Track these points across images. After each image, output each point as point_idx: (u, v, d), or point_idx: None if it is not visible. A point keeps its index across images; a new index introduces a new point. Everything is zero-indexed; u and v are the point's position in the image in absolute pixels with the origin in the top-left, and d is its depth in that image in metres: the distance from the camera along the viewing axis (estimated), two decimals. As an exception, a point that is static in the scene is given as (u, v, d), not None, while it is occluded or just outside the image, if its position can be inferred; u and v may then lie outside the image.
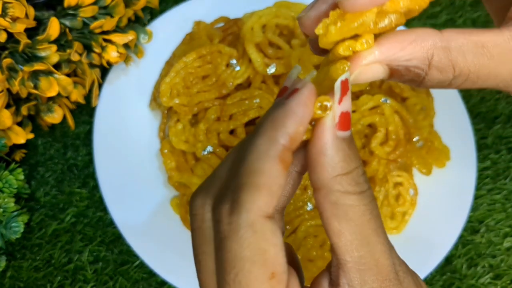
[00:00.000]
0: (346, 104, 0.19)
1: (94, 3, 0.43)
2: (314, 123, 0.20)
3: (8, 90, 0.42)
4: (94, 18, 0.44)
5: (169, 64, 0.52)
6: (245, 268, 0.18)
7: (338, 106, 0.19)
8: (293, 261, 0.23)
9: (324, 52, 0.23)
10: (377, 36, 0.21)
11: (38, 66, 0.40)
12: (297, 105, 0.19)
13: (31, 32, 0.41)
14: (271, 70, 0.48)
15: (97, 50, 0.45)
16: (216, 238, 0.19)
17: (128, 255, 0.46)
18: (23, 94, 0.42)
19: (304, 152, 0.21)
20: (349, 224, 0.19)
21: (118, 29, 0.47)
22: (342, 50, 0.20)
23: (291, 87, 0.21)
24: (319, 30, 0.21)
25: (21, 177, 0.44)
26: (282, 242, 0.19)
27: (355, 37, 0.21)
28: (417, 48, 0.20)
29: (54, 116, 0.46)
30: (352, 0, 0.20)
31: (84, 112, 0.51)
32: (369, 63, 0.20)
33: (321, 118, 0.20)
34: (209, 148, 0.47)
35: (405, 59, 0.20)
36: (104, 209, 0.47)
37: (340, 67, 0.20)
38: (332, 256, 0.20)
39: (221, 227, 0.19)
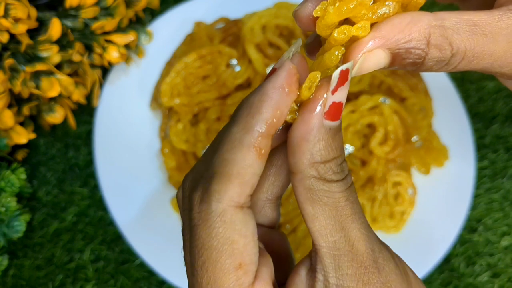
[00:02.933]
0: (341, 95, 0.19)
1: (95, 4, 0.43)
2: (300, 104, 0.19)
3: (10, 90, 0.42)
4: (96, 19, 0.44)
5: (169, 65, 0.52)
6: (211, 257, 0.18)
7: (331, 95, 0.19)
8: (283, 250, 0.23)
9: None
10: (372, 25, 0.20)
11: (39, 67, 0.41)
12: (273, 89, 0.19)
13: (33, 33, 0.41)
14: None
15: (98, 50, 0.45)
16: (189, 224, 0.20)
17: (129, 254, 0.46)
18: (25, 95, 0.42)
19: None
20: (323, 209, 0.19)
21: (119, 29, 0.47)
22: (337, 33, 0.20)
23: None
24: (317, 12, 0.20)
25: (23, 176, 0.44)
26: (253, 233, 0.19)
27: (352, 24, 0.20)
28: (414, 28, 0.19)
29: (56, 116, 0.46)
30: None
31: (85, 112, 0.51)
32: (371, 48, 0.19)
33: (309, 102, 0.19)
34: (210, 148, 0.47)
35: (404, 40, 0.19)
36: (105, 208, 0.47)
37: (334, 52, 0.20)
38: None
39: (192, 214, 0.19)
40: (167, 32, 0.54)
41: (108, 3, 0.44)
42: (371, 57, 0.19)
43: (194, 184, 0.20)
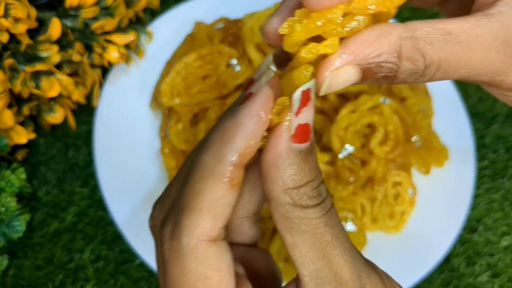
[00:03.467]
0: (306, 116, 0.18)
1: (95, 4, 0.43)
2: (268, 130, 0.19)
3: (10, 90, 0.42)
4: (95, 18, 0.44)
5: (169, 65, 0.52)
6: None
7: (295, 117, 0.18)
8: (266, 268, 0.22)
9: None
10: (342, 40, 0.20)
11: (39, 67, 0.41)
12: (249, 117, 0.18)
13: (32, 33, 0.41)
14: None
15: (98, 50, 0.45)
16: (161, 259, 0.19)
17: (129, 254, 0.46)
18: (25, 94, 0.42)
19: None
20: (301, 236, 0.18)
21: (119, 29, 0.47)
22: (305, 52, 0.19)
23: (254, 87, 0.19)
24: (283, 30, 0.19)
25: (23, 176, 0.44)
26: (229, 265, 0.18)
27: (320, 41, 0.19)
28: (384, 42, 0.18)
29: (56, 116, 0.46)
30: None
31: (85, 112, 0.51)
32: (340, 65, 0.18)
33: (277, 127, 0.18)
34: (210, 148, 0.47)
35: (374, 55, 0.18)
36: (105, 208, 0.47)
37: (303, 71, 0.19)
38: None
39: (164, 250, 0.18)
40: (167, 32, 0.54)
41: (108, 3, 0.44)
42: (340, 74, 0.19)
43: (164, 214, 0.19)
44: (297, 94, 0.18)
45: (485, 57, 0.19)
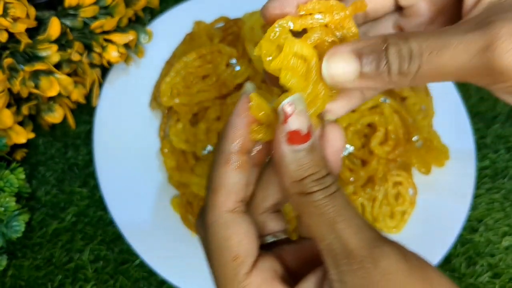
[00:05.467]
0: (296, 123, 0.21)
1: (94, 3, 0.43)
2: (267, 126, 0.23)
3: (9, 89, 0.42)
4: (95, 18, 0.44)
5: (169, 64, 0.52)
6: (215, 254, 0.22)
7: (283, 125, 0.21)
8: (303, 257, 0.25)
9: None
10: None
11: (38, 66, 0.41)
12: (235, 116, 0.23)
13: (32, 32, 0.41)
14: (271, 69, 0.48)
15: (98, 50, 0.45)
16: (201, 239, 0.24)
17: (128, 254, 0.46)
18: (24, 94, 0.42)
19: None
20: (312, 218, 0.21)
21: (118, 29, 0.47)
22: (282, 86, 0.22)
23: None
24: (256, 51, 0.23)
25: (22, 176, 0.44)
26: (247, 230, 0.22)
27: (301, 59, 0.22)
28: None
29: (55, 116, 0.46)
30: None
31: (85, 111, 0.51)
32: (335, 51, 0.22)
33: (276, 132, 0.22)
34: (209, 148, 0.47)
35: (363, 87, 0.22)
36: (105, 208, 0.47)
37: (281, 100, 0.22)
38: None
39: (198, 229, 0.24)
40: (167, 31, 0.53)
41: (107, 2, 0.44)
42: (335, 58, 0.21)
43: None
44: (279, 108, 0.22)
45: None
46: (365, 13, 0.27)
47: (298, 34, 0.23)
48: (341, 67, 0.21)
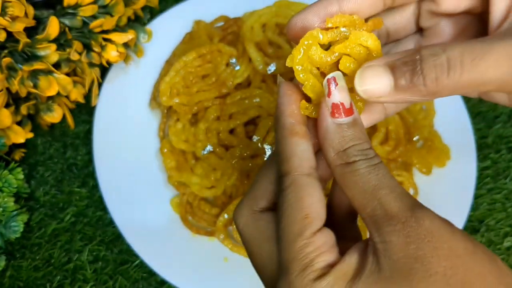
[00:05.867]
0: (338, 96, 0.23)
1: (93, 2, 0.43)
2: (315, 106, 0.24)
3: (8, 89, 0.42)
4: (94, 17, 0.44)
5: (169, 63, 0.52)
6: (286, 213, 0.23)
7: (328, 98, 0.23)
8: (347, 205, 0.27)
9: None
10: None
11: (37, 65, 0.40)
12: (283, 95, 0.25)
13: (30, 31, 0.41)
14: (271, 69, 0.48)
15: (97, 49, 0.45)
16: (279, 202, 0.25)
17: (127, 254, 0.46)
18: (23, 94, 0.42)
19: None
20: (355, 187, 0.22)
21: (117, 28, 0.47)
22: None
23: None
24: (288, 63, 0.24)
25: (21, 176, 0.44)
26: (319, 194, 0.23)
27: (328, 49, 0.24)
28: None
29: (54, 116, 0.45)
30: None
31: (84, 111, 0.51)
32: (368, 65, 0.23)
33: (320, 107, 0.23)
34: (209, 148, 0.46)
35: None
36: (104, 209, 0.47)
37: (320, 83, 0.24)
38: None
39: (239, 221, 0.26)
40: (166, 30, 0.53)
41: (106, 1, 0.44)
42: (368, 71, 0.22)
43: None
44: (324, 82, 0.23)
45: None
46: (387, 34, 0.28)
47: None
48: (375, 81, 0.22)
